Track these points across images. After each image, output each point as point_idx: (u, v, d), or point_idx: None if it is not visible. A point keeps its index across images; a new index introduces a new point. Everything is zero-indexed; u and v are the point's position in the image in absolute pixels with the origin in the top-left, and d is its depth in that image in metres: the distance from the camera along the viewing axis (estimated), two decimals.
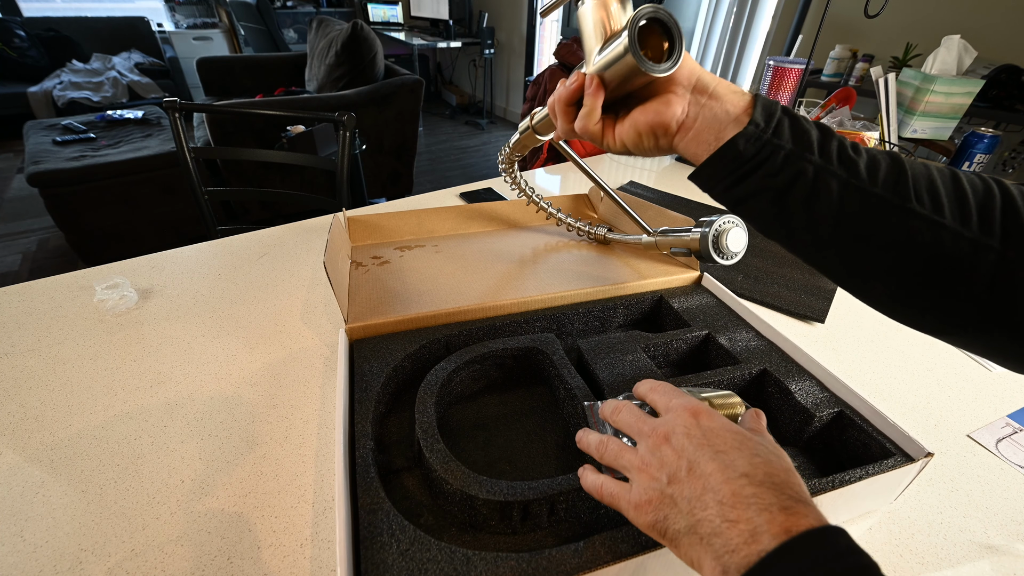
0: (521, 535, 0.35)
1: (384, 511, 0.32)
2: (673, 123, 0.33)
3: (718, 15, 2.71)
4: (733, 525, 0.22)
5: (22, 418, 0.46)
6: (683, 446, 0.27)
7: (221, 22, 4.16)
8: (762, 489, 0.23)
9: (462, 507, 0.35)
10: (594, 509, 0.36)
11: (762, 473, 0.24)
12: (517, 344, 0.47)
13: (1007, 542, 0.38)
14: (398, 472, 0.39)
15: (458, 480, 0.34)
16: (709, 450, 0.26)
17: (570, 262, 0.64)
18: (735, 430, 0.27)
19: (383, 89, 2.17)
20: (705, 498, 0.24)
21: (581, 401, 0.41)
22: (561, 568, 0.30)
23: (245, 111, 1.05)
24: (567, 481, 0.34)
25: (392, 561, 0.30)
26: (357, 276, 0.60)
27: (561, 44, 1.90)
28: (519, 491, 0.33)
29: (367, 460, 0.36)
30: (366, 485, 0.34)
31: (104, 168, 1.85)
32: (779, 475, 0.24)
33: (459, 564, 0.30)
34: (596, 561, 0.30)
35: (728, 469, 0.24)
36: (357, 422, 0.39)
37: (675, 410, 0.29)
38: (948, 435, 0.48)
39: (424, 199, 0.93)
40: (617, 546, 0.31)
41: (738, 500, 0.23)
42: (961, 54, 1.04)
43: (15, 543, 0.36)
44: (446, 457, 0.36)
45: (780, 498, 0.22)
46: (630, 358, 0.47)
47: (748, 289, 0.68)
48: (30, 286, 0.64)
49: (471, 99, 4.73)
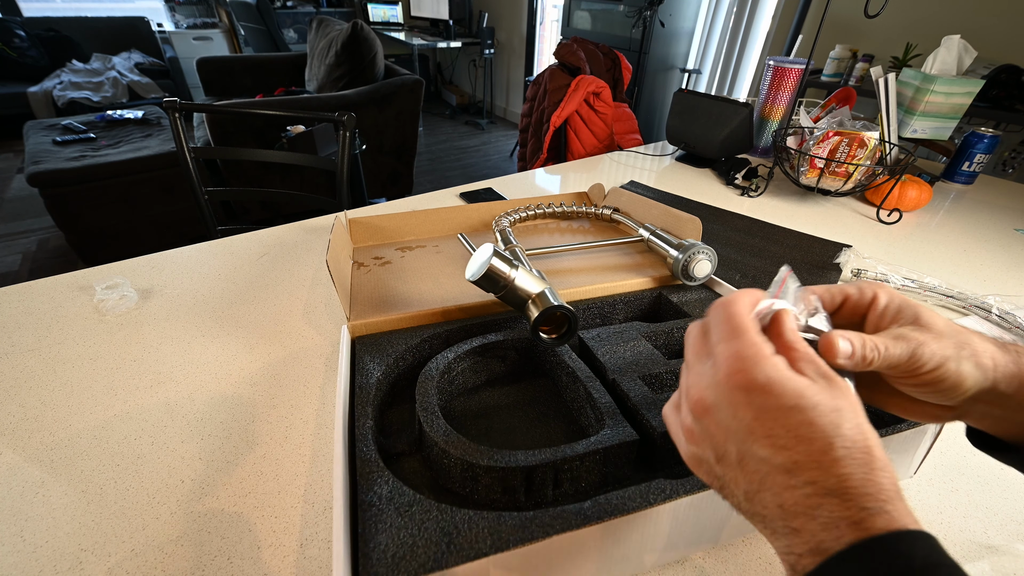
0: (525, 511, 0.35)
1: (383, 479, 0.32)
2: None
3: (718, 15, 2.71)
4: (796, 534, 0.19)
5: (22, 418, 0.46)
6: (728, 428, 0.22)
7: (221, 22, 4.16)
8: (830, 500, 0.19)
9: (464, 482, 0.34)
10: (600, 482, 0.36)
11: (833, 478, 0.19)
12: (519, 335, 0.47)
13: (1007, 542, 0.38)
14: (398, 456, 0.39)
15: (459, 450, 0.34)
16: (766, 443, 0.21)
17: (570, 260, 0.64)
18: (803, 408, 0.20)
19: (383, 89, 2.17)
20: (764, 497, 0.21)
21: (583, 383, 0.41)
22: (566, 523, 0.28)
23: (245, 111, 1.05)
24: (571, 448, 0.34)
25: (390, 520, 0.29)
26: (359, 276, 0.60)
27: (561, 44, 1.90)
28: (521, 459, 0.33)
29: (366, 437, 0.35)
30: (365, 458, 0.34)
31: (104, 168, 1.85)
32: (856, 473, 0.19)
33: (460, 522, 0.29)
34: (602, 515, 0.29)
35: (791, 474, 0.20)
36: (357, 406, 0.39)
37: (719, 366, 0.23)
38: (948, 434, 0.48)
39: (424, 199, 0.93)
40: (625, 503, 0.30)
41: (802, 510, 0.20)
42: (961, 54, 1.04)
43: (15, 543, 0.36)
44: (447, 431, 0.35)
45: (851, 511, 0.19)
46: (631, 345, 0.47)
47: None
48: (30, 286, 0.64)
49: (471, 99, 4.73)
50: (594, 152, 1.80)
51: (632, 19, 2.63)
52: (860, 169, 0.91)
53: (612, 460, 0.36)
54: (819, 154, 0.93)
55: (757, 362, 0.22)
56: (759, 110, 1.19)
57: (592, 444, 0.34)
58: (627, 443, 0.35)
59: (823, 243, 0.82)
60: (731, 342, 0.23)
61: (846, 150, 0.92)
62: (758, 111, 1.19)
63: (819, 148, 0.94)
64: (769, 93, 1.14)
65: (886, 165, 0.95)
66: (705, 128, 1.13)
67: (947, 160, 1.16)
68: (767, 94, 1.15)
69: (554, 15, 3.82)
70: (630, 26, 2.66)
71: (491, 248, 0.44)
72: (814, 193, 1.00)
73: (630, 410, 0.39)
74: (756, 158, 1.22)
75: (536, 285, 0.45)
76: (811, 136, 0.97)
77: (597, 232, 0.74)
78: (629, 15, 2.66)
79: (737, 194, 1.03)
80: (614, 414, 0.37)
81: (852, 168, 0.91)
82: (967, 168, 1.11)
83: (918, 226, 0.92)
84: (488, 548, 0.27)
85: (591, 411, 0.40)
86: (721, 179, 1.11)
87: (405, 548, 0.28)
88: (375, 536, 0.29)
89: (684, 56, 2.95)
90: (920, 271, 0.74)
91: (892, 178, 0.93)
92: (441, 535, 0.28)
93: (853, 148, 0.91)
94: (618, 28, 2.81)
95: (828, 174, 0.94)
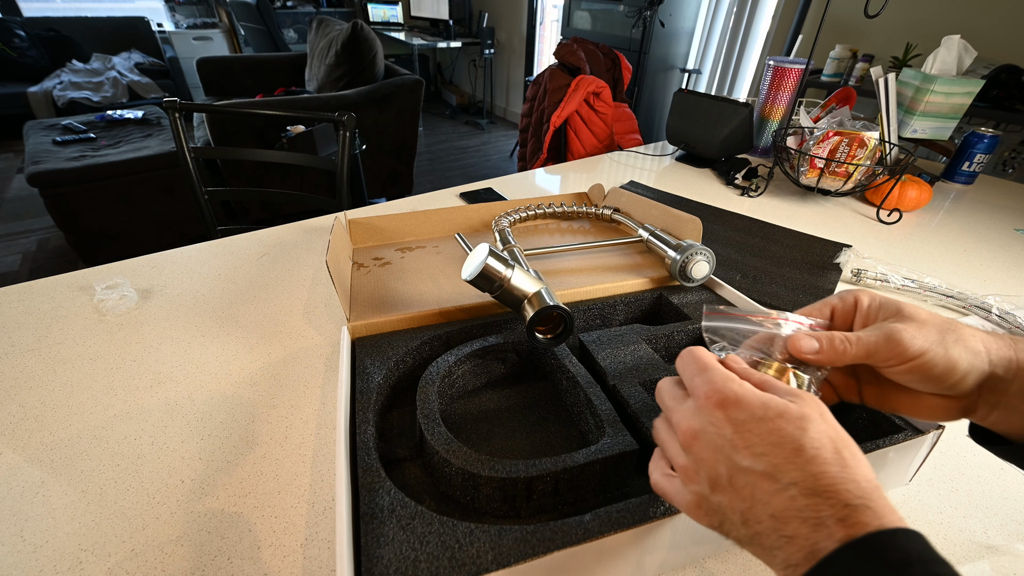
0: (526, 520, 0.34)
1: (385, 489, 0.32)
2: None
3: (718, 15, 2.71)
4: (791, 542, 0.21)
5: (22, 418, 0.46)
6: (716, 446, 0.24)
7: (221, 22, 4.16)
8: (814, 500, 0.21)
9: (464, 490, 0.34)
10: (602, 491, 0.36)
11: (811, 477, 0.21)
12: (519, 337, 0.47)
13: (1007, 542, 0.38)
14: (399, 462, 0.39)
15: (460, 460, 0.34)
16: (747, 453, 0.23)
17: (570, 260, 0.64)
18: (770, 417, 0.23)
19: (383, 89, 2.17)
20: (757, 511, 0.22)
21: (584, 388, 0.41)
22: (567, 538, 0.29)
23: (245, 111, 1.05)
24: (571, 459, 0.34)
25: (392, 534, 0.29)
26: (359, 276, 0.60)
27: (561, 44, 1.90)
28: (522, 469, 0.33)
29: (368, 445, 0.36)
30: (366, 467, 0.34)
31: (104, 168, 1.85)
32: (830, 471, 0.21)
33: (461, 536, 0.29)
34: (603, 529, 0.29)
35: (773, 478, 0.22)
36: (358, 411, 0.39)
37: (698, 395, 0.25)
38: (948, 435, 0.48)
39: (424, 199, 0.93)
40: (625, 517, 0.30)
41: (791, 515, 0.21)
42: (961, 54, 1.04)
43: (15, 543, 0.36)
44: (448, 439, 0.35)
45: (835, 508, 0.20)
46: (632, 348, 0.47)
47: (747, 289, 0.68)
48: (30, 286, 0.64)
49: (471, 99, 4.73)
50: (594, 152, 1.80)
51: (632, 19, 2.63)
52: (860, 169, 0.92)
53: (612, 470, 0.36)
54: (819, 154, 0.94)
55: (726, 382, 0.25)
56: (759, 110, 1.19)
57: (592, 454, 0.34)
58: (627, 453, 0.35)
59: (823, 243, 0.82)
60: (703, 374, 0.26)
61: (846, 150, 0.92)
62: (758, 111, 1.19)
63: (819, 148, 0.94)
64: (769, 93, 1.14)
65: (886, 165, 0.95)
66: (705, 128, 1.13)
67: (947, 160, 1.16)
68: (767, 94, 1.15)
69: (554, 15, 3.82)
70: (630, 26, 2.66)
71: (487, 248, 0.44)
72: (814, 193, 1.00)
73: (630, 417, 0.39)
74: (756, 158, 1.22)
75: (532, 285, 0.45)
76: (811, 136, 0.97)
77: (597, 232, 0.74)
78: (629, 15, 2.66)
79: (737, 194, 1.03)
80: (614, 422, 0.37)
81: (852, 168, 0.91)
82: (967, 168, 1.11)
83: (918, 226, 0.92)
84: (490, 563, 0.28)
85: (591, 417, 0.40)
86: (721, 179, 1.11)
87: (407, 563, 0.28)
88: (377, 550, 0.29)
89: (684, 56, 2.95)
90: (920, 271, 0.74)
91: (892, 178, 0.93)
92: (443, 549, 0.28)
93: (853, 148, 0.91)
94: (618, 28, 2.81)
95: (828, 174, 0.94)
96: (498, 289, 0.44)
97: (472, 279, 0.44)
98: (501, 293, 0.44)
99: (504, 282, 0.44)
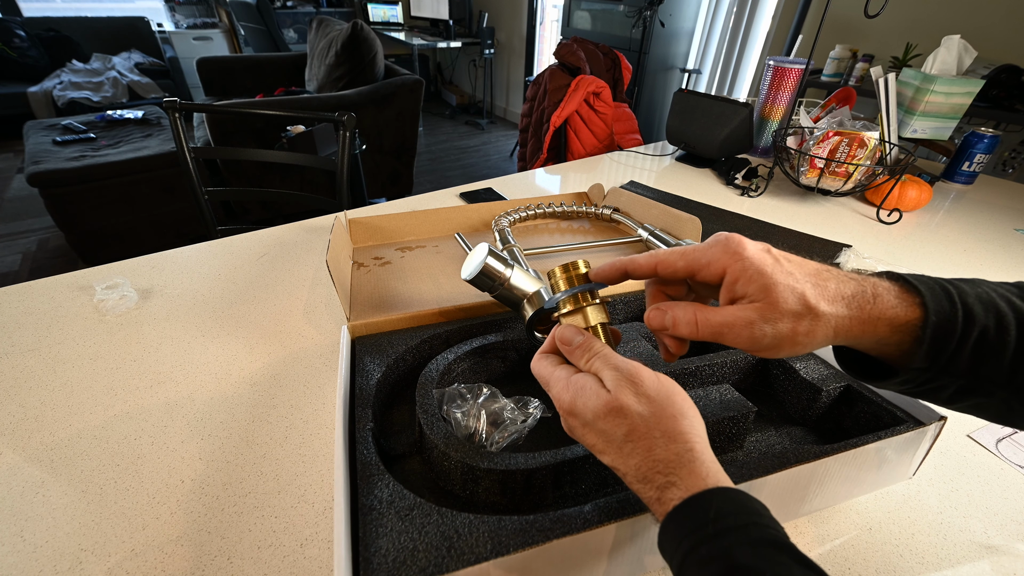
0: (525, 514, 0.34)
1: (384, 482, 0.32)
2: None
3: (718, 15, 2.71)
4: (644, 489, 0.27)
5: (22, 418, 0.46)
6: (580, 434, 0.30)
7: (221, 22, 4.16)
8: (642, 486, 0.26)
9: (464, 484, 0.34)
10: (601, 485, 0.36)
11: (634, 467, 0.27)
12: (518, 336, 0.47)
13: (1007, 542, 0.38)
14: (399, 458, 0.39)
15: (459, 453, 0.34)
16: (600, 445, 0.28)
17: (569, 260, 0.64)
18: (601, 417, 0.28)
19: (383, 89, 2.17)
20: (617, 466, 0.28)
21: None
22: (566, 528, 0.29)
23: (245, 111, 1.05)
24: (571, 451, 0.34)
25: (391, 525, 0.29)
26: (359, 276, 0.60)
27: (561, 44, 1.90)
28: (521, 462, 0.33)
29: (367, 440, 0.36)
30: (365, 461, 0.34)
31: (104, 168, 1.85)
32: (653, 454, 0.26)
33: (460, 526, 0.29)
34: (603, 519, 0.29)
35: (617, 468, 0.28)
36: (357, 407, 0.39)
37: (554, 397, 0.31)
38: (948, 435, 0.48)
39: (424, 199, 0.93)
40: (625, 508, 0.30)
41: (635, 485, 0.27)
42: (961, 54, 1.04)
43: (15, 543, 0.36)
44: (447, 433, 0.35)
45: (655, 491, 0.26)
46: (632, 346, 0.47)
47: None
48: (30, 286, 0.64)
49: (471, 99, 4.73)
50: (594, 152, 1.80)
51: (632, 19, 2.62)
52: (860, 169, 0.91)
53: None
54: (819, 154, 0.93)
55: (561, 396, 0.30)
56: (759, 110, 1.19)
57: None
58: None
59: (823, 243, 0.82)
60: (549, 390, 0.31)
61: (846, 150, 0.92)
62: (758, 111, 1.19)
63: (819, 148, 0.94)
64: (769, 93, 1.14)
65: (886, 165, 0.95)
66: (705, 128, 1.13)
67: (947, 160, 1.16)
68: (767, 94, 1.15)
69: (554, 15, 3.82)
70: (630, 26, 2.66)
71: (486, 248, 0.44)
72: (814, 193, 1.00)
73: None
74: (756, 158, 1.22)
75: (531, 284, 0.45)
76: (811, 136, 0.97)
77: (597, 232, 0.74)
78: (629, 15, 2.66)
79: (737, 194, 1.03)
80: None
81: (852, 168, 0.91)
82: (967, 168, 1.11)
83: (918, 226, 0.92)
84: (488, 552, 0.27)
85: None
86: (721, 179, 1.11)
87: (406, 552, 0.28)
88: (376, 540, 0.29)
89: (684, 56, 2.95)
90: (920, 271, 0.73)
91: (892, 178, 0.93)
92: (441, 539, 0.28)
93: (853, 148, 0.91)
94: (618, 28, 2.81)
95: (828, 174, 0.94)
96: (498, 288, 0.44)
97: (472, 278, 0.44)
98: (501, 292, 0.44)
99: (504, 281, 0.44)
